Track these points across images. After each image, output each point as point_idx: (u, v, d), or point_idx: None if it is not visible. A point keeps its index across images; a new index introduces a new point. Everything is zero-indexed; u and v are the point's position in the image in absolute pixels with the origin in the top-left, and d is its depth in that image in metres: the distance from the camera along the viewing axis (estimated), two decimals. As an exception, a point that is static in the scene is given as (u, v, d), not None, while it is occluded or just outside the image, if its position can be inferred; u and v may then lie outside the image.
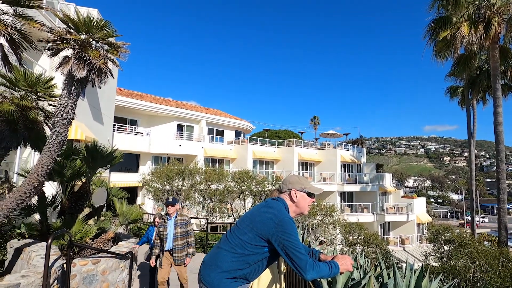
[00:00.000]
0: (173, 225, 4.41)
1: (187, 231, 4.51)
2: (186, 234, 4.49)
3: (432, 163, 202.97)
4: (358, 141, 38.23)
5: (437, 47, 15.67)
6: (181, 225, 4.43)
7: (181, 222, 4.45)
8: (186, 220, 4.52)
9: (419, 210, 27.18)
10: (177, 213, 4.49)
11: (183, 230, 4.44)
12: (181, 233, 4.42)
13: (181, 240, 4.40)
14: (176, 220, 4.45)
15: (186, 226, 4.48)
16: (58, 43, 3.86)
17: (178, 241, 4.38)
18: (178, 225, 4.41)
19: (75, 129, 9.83)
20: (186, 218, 4.54)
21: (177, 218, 4.45)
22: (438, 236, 12.32)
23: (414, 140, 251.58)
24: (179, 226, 4.41)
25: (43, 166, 3.91)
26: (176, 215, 4.48)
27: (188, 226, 4.52)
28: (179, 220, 4.45)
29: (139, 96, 22.71)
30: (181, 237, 4.41)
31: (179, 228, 4.41)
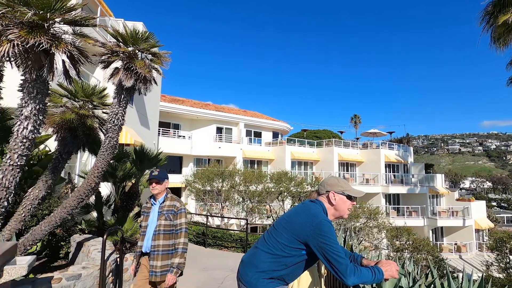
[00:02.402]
0: (157, 212, 2.94)
1: (174, 226, 2.92)
2: (172, 231, 2.91)
3: (492, 163, 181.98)
4: (404, 140, 35.77)
5: (495, 33, 14.01)
6: (167, 214, 2.90)
7: (168, 210, 2.92)
8: (177, 208, 2.95)
9: (477, 215, 24.50)
10: (166, 195, 3.02)
11: (168, 222, 2.89)
12: (165, 227, 2.88)
13: (163, 239, 2.86)
14: (162, 206, 2.96)
15: (174, 217, 2.92)
16: (109, 56, 4.24)
17: (158, 240, 2.86)
18: (163, 213, 2.91)
19: (125, 134, 10.67)
20: (178, 204, 2.97)
21: (164, 204, 2.97)
22: (502, 244, 11.02)
23: (470, 137, 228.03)
24: (164, 216, 2.90)
25: (98, 168, 4.31)
26: (163, 198, 3.00)
27: (177, 217, 2.93)
28: (166, 207, 2.94)
29: (181, 101, 23.90)
30: (164, 233, 2.87)
31: (164, 219, 2.89)
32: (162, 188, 3.01)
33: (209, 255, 8.90)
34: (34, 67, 3.04)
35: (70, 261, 5.17)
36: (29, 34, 2.79)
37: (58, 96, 4.73)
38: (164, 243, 2.87)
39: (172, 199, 3.02)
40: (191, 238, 10.66)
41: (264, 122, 27.18)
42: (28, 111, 3.17)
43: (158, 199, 3.01)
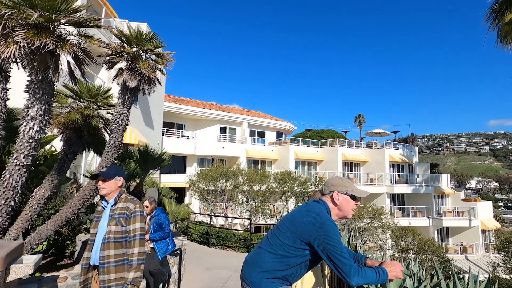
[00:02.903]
0: (107, 217, 2.39)
1: (127, 232, 2.34)
2: (125, 238, 2.34)
3: (499, 162, 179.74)
4: (409, 139, 35.51)
5: (502, 31, 13.81)
6: (118, 218, 2.34)
7: (120, 213, 2.36)
8: (130, 211, 2.37)
9: (484, 215, 24.21)
10: (120, 196, 2.45)
11: (119, 228, 2.33)
12: (116, 233, 2.32)
13: (114, 248, 2.30)
14: (113, 209, 2.40)
15: (126, 221, 2.34)
16: (114, 57, 4.26)
17: (108, 249, 2.29)
18: (114, 217, 2.35)
19: (129, 134, 10.74)
20: (131, 206, 2.39)
21: (116, 206, 2.41)
22: (509, 245, 10.88)
23: (476, 136, 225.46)
24: (115, 220, 2.34)
25: (103, 168, 4.34)
26: (114, 200, 2.43)
27: (130, 222, 2.35)
28: (118, 209, 2.38)
29: (185, 102, 23.99)
30: (115, 241, 2.31)
31: (114, 225, 2.33)
32: (112, 187, 2.44)
33: (213, 254, 8.92)
34: (40, 68, 3.07)
35: (76, 260, 5.21)
36: (35, 36, 2.82)
37: (64, 97, 4.77)
38: (116, 253, 2.30)
39: (127, 200, 2.44)
40: (195, 237, 10.70)
41: (267, 122, 27.16)
42: (34, 112, 3.20)
43: (109, 200, 2.45)
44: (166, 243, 4.55)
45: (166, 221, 4.51)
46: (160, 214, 4.52)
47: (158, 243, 4.43)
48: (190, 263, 7.22)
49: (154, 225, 4.47)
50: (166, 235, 4.51)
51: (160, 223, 4.47)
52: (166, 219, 4.56)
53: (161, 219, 4.48)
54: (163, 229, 4.47)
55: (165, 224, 4.48)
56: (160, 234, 4.43)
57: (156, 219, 4.49)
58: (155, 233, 4.41)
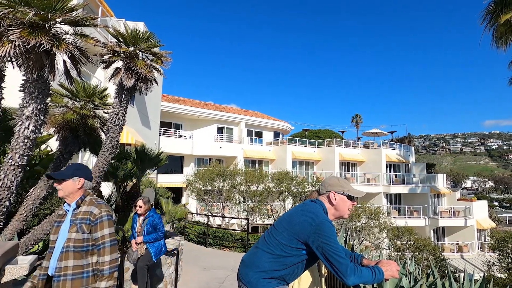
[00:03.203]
0: (68, 222, 2.09)
1: (93, 240, 2.08)
2: (86, 248, 2.06)
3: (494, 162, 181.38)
4: (406, 139, 35.71)
5: (497, 32, 13.95)
6: (80, 224, 2.06)
7: (83, 218, 2.07)
8: (94, 216, 2.09)
9: (479, 215, 24.42)
10: (83, 199, 2.16)
11: (80, 236, 2.04)
12: (76, 242, 2.03)
13: (73, 258, 2.00)
14: (75, 214, 2.11)
15: (89, 228, 2.07)
16: (110, 56, 4.25)
17: (66, 259, 2.00)
18: (75, 223, 2.06)
19: (126, 134, 10.69)
20: (96, 211, 2.11)
21: (79, 210, 2.11)
22: (504, 244, 10.98)
23: (472, 136, 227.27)
24: (76, 226, 2.05)
25: (99, 168, 4.32)
26: (77, 203, 2.13)
27: (96, 229, 2.08)
28: (80, 214, 2.09)
29: (182, 101, 23.93)
30: (75, 250, 2.02)
31: (75, 231, 2.04)
32: (70, 189, 2.10)
33: (210, 254, 8.91)
34: (35, 67, 3.05)
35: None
36: (30, 35, 2.80)
37: (59, 96, 4.74)
38: (75, 264, 1.99)
39: (91, 204, 2.13)
40: (192, 238, 10.68)
41: (265, 122, 27.17)
42: (29, 111, 3.18)
43: (70, 204, 2.14)
44: (160, 245, 4.46)
45: (160, 222, 4.40)
46: (154, 215, 4.40)
47: (152, 245, 4.33)
48: (187, 263, 7.20)
49: (148, 226, 4.32)
50: (161, 236, 4.41)
51: (154, 224, 4.34)
52: (160, 220, 4.43)
53: (155, 220, 4.35)
54: (157, 230, 4.36)
55: (159, 225, 4.37)
56: (154, 235, 4.32)
57: (149, 220, 4.35)
58: (148, 235, 4.30)
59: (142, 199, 4.38)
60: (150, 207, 4.43)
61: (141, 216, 4.40)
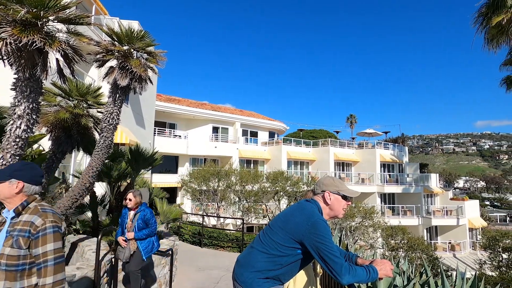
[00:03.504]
0: (4, 233, 1.70)
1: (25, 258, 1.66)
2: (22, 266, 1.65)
3: (486, 162, 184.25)
4: (399, 140, 36.11)
5: (489, 34, 14.17)
6: (17, 237, 1.65)
7: (21, 230, 1.67)
8: (35, 228, 1.67)
9: (471, 214, 24.79)
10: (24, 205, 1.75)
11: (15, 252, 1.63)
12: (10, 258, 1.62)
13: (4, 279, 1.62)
14: (14, 223, 1.71)
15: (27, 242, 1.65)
16: (104, 55, 4.21)
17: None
18: (12, 235, 1.67)
19: (120, 133, 10.59)
20: (38, 222, 1.68)
21: (19, 219, 1.71)
22: (495, 243, 11.16)
23: (464, 137, 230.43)
24: (12, 239, 1.65)
25: (93, 168, 4.28)
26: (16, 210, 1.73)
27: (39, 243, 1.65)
28: (20, 224, 1.69)
29: (177, 101, 23.81)
30: (7, 269, 1.62)
31: (10, 246, 1.64)
32: (6, 194, 1.71)
33: (205, 255, 8.88)
34: (27, 66, 3.00)
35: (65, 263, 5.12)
36: (22, 33, 2.76)
37: (52, 95, 4.68)
38: (6, 287, 1.60)
39: (35, 212, 1.72)
40: (187, 238, 10.64)
41: (260, 122, 27.18)
42: (21, 110, 3.13)
43: (10, 209, 1.73)
44: (151, 242, 4.17)
45: (152, 217, 4.13)
46: (146, 210, 4.12)
47: (142, 241, 4.05)
48: (182, 263, 7.17)
49: (139, 221, 4.05)
50: (153, 233, 4.15)
51: (146, 219, 4.07)
52: (152, 215, 4.16)
53: (147, 215, 4.08)
54: (149, 226, 4.10)
55: (151, 221, 4.11)
56: (146, 231, 4.06)
57: (141, 215, 4.08)
58: (140, 231, 4.02)
59: (132, 192, 4.12)
60: (141, 201, 4.16)
61: (131, 210, 4.13)
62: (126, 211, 4.17)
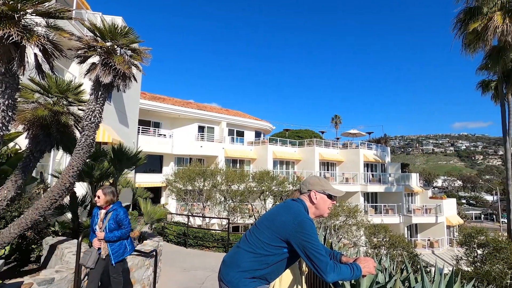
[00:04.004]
0: None
1: None
2: None
3: (462, 162, 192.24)
4: (382, 140, 37.08)
5: (466, 40, 14.84)
6: None
7: None
8: None
9: (449, 212, 25.81)
10: None
11: None
12: None
13: None
14: None
15: None
16: (86, 51, 4.07)
17: None
18: None
19: (102, 132, 10.30)
20: None
21: None
22: (470, 240, 11.66)
23: (443, 138, 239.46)
24: None
25: (73, 167, 4.13)
26: None
27: None
28: None
29: (162, 99, 23.40)
30: None
31: None
32: None
33: (190, 255, 8.79)
34: (3, 60, 2.86)
35: (42, 265, 4.93)
36: (-2, 25, 2.63)
37: (30, 92, 4.48)
38: None
39: None
40: (172, 238, 10.49)
41: (246, 122, 27.17)
42: (-4, 107, 2.98)
43: None
44: (123, 245, 3.75)
45: (125, 218, 3.77)
46: (118, 209, 3.75)
47: (112, 244, 3.66)
48: (166, 264, 7.07)
49: (111, 221, 3.68)
50: (125, 235, 3.76)
51: (118, 219, 3.70)
52: (126, 215, 3.79)
53: (120, 214, 3.72)
54: (122, 227, 3.72)
55: (124, 221, 3.73)
56: (117, 233, 3.66)
57: (113, 215, 3.71)
58: (111, 232, 3.64)
59: (102, 188, 3.73)
60: (114, 199, 3.78)
61: (102, 209, 3.75)
62: (96, 210, 3.83)
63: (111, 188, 3.78)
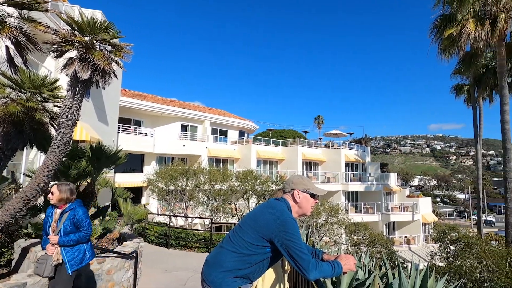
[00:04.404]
0: None
1: None
2: None
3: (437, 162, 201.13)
4: (363, 140, 38.09)
5: (442, 45, 15.50)
6: None
7: None
8: None
9: (424, 210, 26.92)
10: None
11: None
12: None
13: None
14: None
15: None
16: (63, 45, 3.90)
17: None
18: None
19: (80, 130, 9.93)
20: None
21: None
22: (444, 236, 12.19)
23: (420, 139, 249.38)
24: None
25: (48, 166, 3.96)
26: None
27: None
28: None
29: (143, 97, 22.85)
30: None
31: None
32: None
33: (171, 256, 8.65)
34: (-30, 52, 2.69)
35: (14, 269, 4.69)
36: (-35, 15, 2.47)
37: (1, 86, 4.25)
38: None
39: None
40: (153, 239, 10.28)
41: (230, 121, 27.06)
42: (-38, 102, 2.80)
43: None
44: (81, 251, 3.22)
45: (85, 219, 3.22)
46: (77, 208, 3.22)
47: (68, 250, 3.12)
48: (147, 265, 6.92)
49: (67, 223, 3.13)
50: (84, 238, 3.22)
51: (76, 220, 3.16)
52: (86, 216, 3.25)
53: (78, 214, 3.18)
54: (81, 229, 3.20)
55: (83, 223, 3.19)
56: (74, 236, 3.12)
57: (69, 215, 3.17)
58: (66, 235, 3.10)
59: (57, 184, 3.21)
60: (72, 198, 3.23)
61: (57, 208, 3.22)
62: (51, 209, 3.27)
63: (69, 184, 3.28)
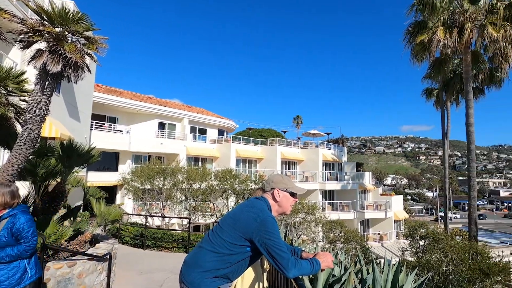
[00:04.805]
0: None
1: None
2: None
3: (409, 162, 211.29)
4: (340, 140, 39.13)
5: (414, 50, 16.28)
6: None
7: None
8: None
9: (396, 207, 28.17)
10: None
11: None
12: None
13: None
14: None
15: None
16: (31, 35, 3.66)
17: None
18: None
19: (49, 126, 9.39)
20: None
21: None
22: (414, 232, 12.79)
23: (393, 139, 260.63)
24: None
25: (13, 165, 3.71)
26: None
27: None
28: None
29: (118, 93, 22.01)
30: None
31: None
32: None
33: (147, 257, 8.43)
34: None
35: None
36: None
37: (-41, 78, 3.92)
38: None
39: None
40: (128, 240, 9.96)
41: (209, 119, 26.76)
42: None
43: None
44: (20, 268, 2.57)
45: (27, 228, 2.60)
46: (18, 215, 2.61)
47: (3, 267, 2.49)
48: (121, 267, 6.68)
49: (3, 233, 2.52)
50: (26, 253, 2.59)
51: (16, 230, 2.54)
52: (29, 224, 2.64)
53: (18, 223, 2.56)
54: (22, 241, 2.57)
55: (24, 233, 2.57)
56: (11, 251, 2.52)
57: (8, 223, 2.55)
58: (2, 249, 2.51)
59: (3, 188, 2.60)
60: (12, 202, 2.62)
61: None
62: None
63: (9, 186, 2.67)
